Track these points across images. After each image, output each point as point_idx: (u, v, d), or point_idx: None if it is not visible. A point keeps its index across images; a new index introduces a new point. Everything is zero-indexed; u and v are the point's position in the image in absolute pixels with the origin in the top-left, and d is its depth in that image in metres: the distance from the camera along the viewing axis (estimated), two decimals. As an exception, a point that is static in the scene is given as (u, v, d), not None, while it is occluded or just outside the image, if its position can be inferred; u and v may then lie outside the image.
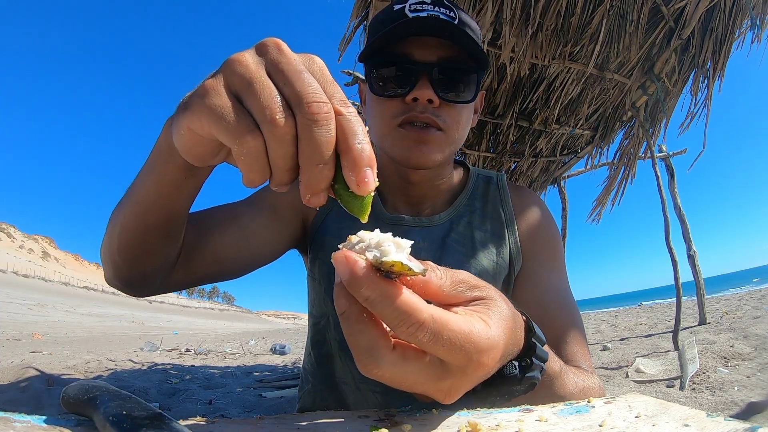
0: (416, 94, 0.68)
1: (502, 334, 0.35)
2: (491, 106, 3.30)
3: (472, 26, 0.73)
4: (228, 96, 0.31)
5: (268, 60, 0.32)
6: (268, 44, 0.33)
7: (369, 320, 0.31)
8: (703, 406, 2.22)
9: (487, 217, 0.84)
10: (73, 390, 0.36)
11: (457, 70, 0.70)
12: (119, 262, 0.56)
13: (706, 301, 5.32)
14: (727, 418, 0.37)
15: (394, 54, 0.69)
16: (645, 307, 13.59)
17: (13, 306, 26.49)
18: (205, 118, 0.31)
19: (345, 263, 0.30)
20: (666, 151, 5.26)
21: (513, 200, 0.86)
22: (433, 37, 0.69)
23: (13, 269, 77.58)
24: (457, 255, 0.78)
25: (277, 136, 0.29)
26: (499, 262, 0.79)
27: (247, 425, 0.38)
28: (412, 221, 0.80)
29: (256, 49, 0.33)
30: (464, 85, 0.71)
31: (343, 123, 0.30)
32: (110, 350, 7.39)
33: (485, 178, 0.89)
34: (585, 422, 0.39)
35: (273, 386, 3.74)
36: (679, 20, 2.62)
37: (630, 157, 3.69)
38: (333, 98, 0.31)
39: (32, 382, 3.15)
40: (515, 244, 0.82)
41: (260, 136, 0.30)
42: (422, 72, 0.68)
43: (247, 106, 0.31)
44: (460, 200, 0.84)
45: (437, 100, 0.69)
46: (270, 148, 0.30)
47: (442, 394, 0.35)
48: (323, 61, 0.34)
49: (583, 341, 0.73)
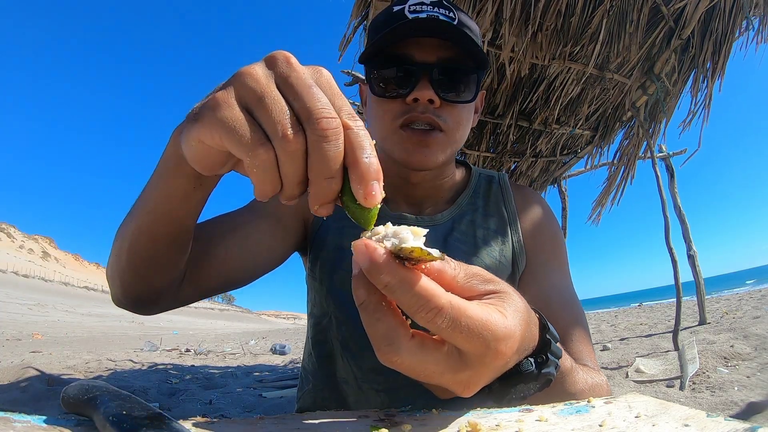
0: (417, 95, 0.68)
1: (519, 324, 0.36)
2: (491, 106, 3.30)
3: (472, 27, 0.73)
4: (239, 109, 0.32)
5: (277, 73, 0.32)
6: (277, 57, 0.33)
7: (387, 309, 0.32)
8: (703, 406, 2.22)
9: (490, 215, 0.84)
10: (73, 390, 0.36)
11: (457, 71, 0.70)
12: (128, 278, 0.56)
13: (706, 301, 5.32)
14: (727, 418, 0.37)
15: (395, 55, 0.69)
16: (645, 307, 13.59)
17: (13, 306, 26.49)
18: (217, 130, 0.31)
19: (365, 251, 0.31)
20: (666, 151, 5.26)
21: (516, 199, 0.86)
22: (433, 38, 0.69)
23: (13, 269, 77.58)
24: (460, 253, 0.78)
25: (288, 151, 0.30)
26: (502, 261, 0.80)
27: (247, 425, 0.38)
28: (415, 220, 0.80)
29: (265, 62, 0.33)
30: (464, 85, 0.71)
31: (351, 137, 0.31)
32: (110, 350, 7.39)
33: (487, 177, 0.89)
34: (585, 422, 0.39)
35: (273, 386, 3.74)
36: (679, 20, 2.62)
37: (630, 157, 3.69)
38: (341, 112, 0.32)
39: (32, 382, 3.15)
40: (518, 242, 0.82)
41: (272, 150, 0.31)
42: (422, 72, 0.68)
43: (258, 119, 0.31)
44: (462, 198, 0.84)
45: (438, 100, 0.69)
46: (281, 162, 0.31)
47: (461, 386, 0.35)
48: (330, 74, 0.34)
49: (588, 339, 0.74)
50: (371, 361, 0.75)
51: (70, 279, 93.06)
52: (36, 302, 32.14)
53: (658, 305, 13.82)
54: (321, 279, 0.80)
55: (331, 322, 0.80)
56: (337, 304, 0.78)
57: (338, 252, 0.78)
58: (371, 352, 0.33)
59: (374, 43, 0.69)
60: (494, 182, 0.88)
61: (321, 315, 0.83)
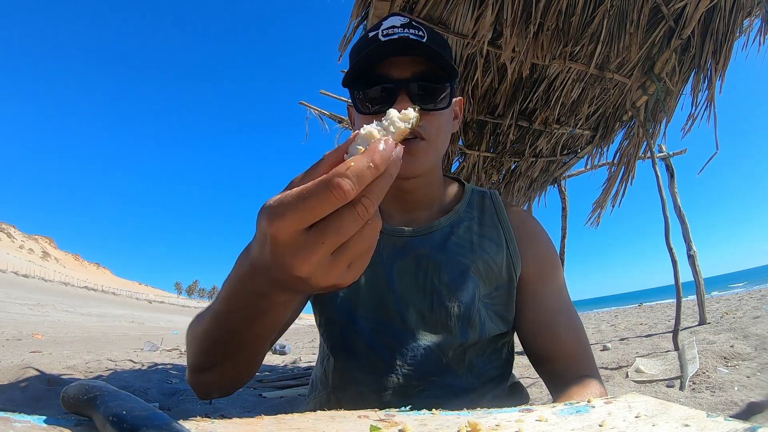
0: (397, 108, 0.71)
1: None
2: (491, 106, 3.30)
3: (440, 42, 0.80)
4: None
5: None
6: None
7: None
8: (703, 406, 2.22)
9: (485, 225, 0.87)
10: (73, 390, 0.36)
11: (430, 82, 0.75)
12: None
13: (706, 301, 5.32)
14: (727, 418, 0.37)
15: (374, 75, 0.75)
16: (645, 307, 13.59)
17: (13, 306, 26.50)
18: None
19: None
20: (666, 151, 5.26)
21: (508, 213, 0.90)
22: (407, 57, 0.74)
23: (13, 269, 77.57)
24: (458, 257, 0.81)
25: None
26: (494, 269, 0.83)
27: (247, 425, 0.38)
28: (411, 232, 0.84)
29: None
30: (439, 94, 0.77)
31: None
32: (110, 350, 7.39)
33: (479, 192, 0.94)
34: (585, 422, 0.39)
35: (273, 386, 3.74)
36: (679, 20, 2.62)
37: (630, 157, 3.69)
38: None
39: (32, 382, 3.15)
40: (514, 251, 0.85)
41: None
42: (401, 88, 0.74)
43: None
44: (459, 207, 0.88)
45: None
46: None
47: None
48: None
49: (589, 353, 0.80)
50: (368, 362, 0.78)
51: (70, 279, 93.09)
52: (36, 302, 32.15)
53: (658, 305, 13.82)
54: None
55: (335, 329, 0.83)
56: (337, 310, 0.82)
57: None
58: (366, 357, 0.32)
59: (354, 66, 0.75)
60: (486, 197, 0.92)
61: (326, 323, 0.85)
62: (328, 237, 0.34)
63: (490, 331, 0.80)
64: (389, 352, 0.77)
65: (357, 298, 0.80)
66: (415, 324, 0.78)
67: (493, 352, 0.83)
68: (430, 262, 0.80)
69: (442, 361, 0.77)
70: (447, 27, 2.38)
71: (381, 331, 0.78)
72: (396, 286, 0.80)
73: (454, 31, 2.40)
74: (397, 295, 0.79)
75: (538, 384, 2.91)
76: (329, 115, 3.65)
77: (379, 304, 0.79)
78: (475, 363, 0.80)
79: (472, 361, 0.80)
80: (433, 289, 0.79)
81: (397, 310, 0.79)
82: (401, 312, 0.78)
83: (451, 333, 0.77)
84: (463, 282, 0.79)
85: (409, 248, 0.82)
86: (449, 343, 0.77)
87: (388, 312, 0.79)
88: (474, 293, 0.79)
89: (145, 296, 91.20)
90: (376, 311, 0.79)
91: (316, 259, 0.35)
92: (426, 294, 0.79)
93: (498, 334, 0.82)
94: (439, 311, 0.78)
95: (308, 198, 0.33)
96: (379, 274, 0.80)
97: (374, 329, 0.79)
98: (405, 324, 0.78)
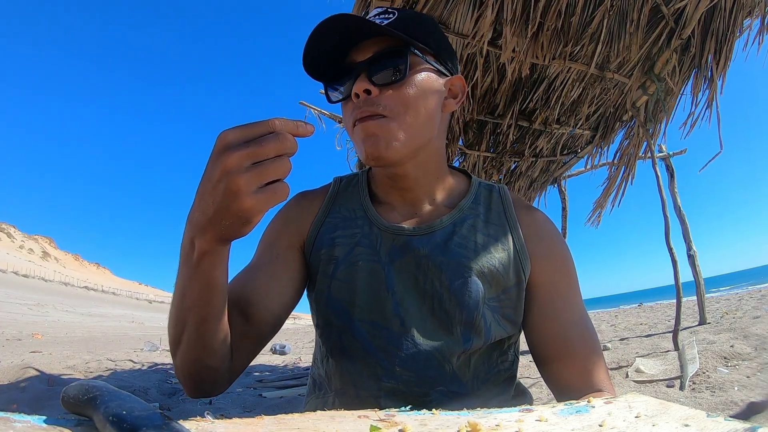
0: (355, 89, 0.71)
1: None
2: (491, 106, 3.30)
3: (413, 20, 0.75)
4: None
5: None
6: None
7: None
8: (703, 406, 2.22)
9: (491, 223, 0.81)
10: (73, 390, 0.36)
11: (386, 54, 0.71)
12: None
13: (706, 301, 5.32)
14: (727, 418, 0.37)
15: (342, 67, 0.74)
16: (645, 307, 13.58)
17: (13, 306, 26.49)
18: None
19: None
20: (666, 151, 5.26)
21: (518, 212, 0.83)
22: (369, 40, 0.72)
23: (13, 269, 77.52)
24: (459, 257, 0.76)
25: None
26: (500, 269, 0.77)
27: (247, 425, 0.38)
28: (411, 230, 0.78)
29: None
30: (398, 65, 0.71)
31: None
32: (110, 350, 7.39)
33: (487, 187, 0.87)
34: (585, 422, 0.39)
35: (273, 386, 3.74)
36: (680, 20, 2.62)
37: (630, 157, 3.69)
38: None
39: (32, 382, 3.15)
40: (521, 247, 0.79)
41: None
42: (361, 70, 0.71)
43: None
44: (464, 203, 0.82)
45: (374, 88, 0.70)
46: None
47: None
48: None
49: (603, 364, 0.75)
50: (366, 366, 0.75)
51: (70, 279, 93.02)
52: (36, 302, 32.14)
53: (658, 305, 13.81)
54: (319, 289, 0.80)
55: (332, 331, 0.79)
56: (333, 311, 0.78)
57: (332, 262, 0.79)
58: (365, 361, 0.32)
59: (311, 62, 0.74)
60: (494, 191, 0.86)
61: (324, 325, 0.82)
62: (251, 145, 0.46)
63: (497, 334, 0.75)
64: (387, 357, 0.72)
65: (354, 300, 0.76)
66: (414, 328, 0.73)
67: (500, 356, 0.79)
68: (430, 264, 0.75)
69: (446, 368, 0.72)
70: (447, 27, 2.38)
71: (379, 336, 0.74)
72: (395, 287, 0.75)
73: (454, 30, 2.40)
74: (395, 297, 0.74)
75: (539, 384, 2.91)
76: (329, 115, 3.65)
77: (377, 306, 0.75)
78: (482, 369, 0.76)
79: (478, 367, 0.75)
80: (434, 293, 0.74)
81: (396, 313, 0.74)
82: (400, 315, 0.74)
83: (454, 339, 0.73)
84: (466, 285, 0.73)
85: (408, 248, 0.76)
86: (451, 349, 0.72)
87: (386, 315, 0.74)
88: (478, 297, 0.73)
89: (145, 296, 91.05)
90: (373, 314, 0.75)
91: (237, 157, 0.46)
92: (426, 297, 0.74)
93: (505, 337, 0.77)
94: (441, 316, 0.73)
95: (250, 125, 0.48)
96: (378, 274, 0.76)
97: (371, 333, 0.74)
98: (404, 328, 0.73)
